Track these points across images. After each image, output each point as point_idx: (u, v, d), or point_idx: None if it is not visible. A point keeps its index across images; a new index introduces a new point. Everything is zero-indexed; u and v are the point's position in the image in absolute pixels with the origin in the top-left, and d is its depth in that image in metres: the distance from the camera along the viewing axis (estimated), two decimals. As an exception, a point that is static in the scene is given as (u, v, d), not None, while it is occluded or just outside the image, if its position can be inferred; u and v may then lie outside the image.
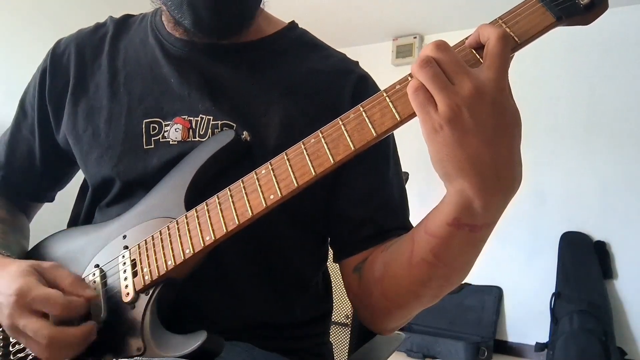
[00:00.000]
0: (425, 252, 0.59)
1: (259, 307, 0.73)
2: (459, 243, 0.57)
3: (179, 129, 0.73)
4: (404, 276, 0.63)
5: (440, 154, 0.50)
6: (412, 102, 0.50)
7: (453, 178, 0.52)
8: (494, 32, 0.49)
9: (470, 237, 0.56)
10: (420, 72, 0.49)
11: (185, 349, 0.58)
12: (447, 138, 0.49)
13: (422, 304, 0.66)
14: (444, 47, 0.50)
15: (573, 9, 0.51)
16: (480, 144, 0.49)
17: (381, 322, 0.72)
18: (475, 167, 0.50)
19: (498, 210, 0.54)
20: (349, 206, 0.74)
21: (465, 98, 0.48)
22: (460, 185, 0.51)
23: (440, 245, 0.57)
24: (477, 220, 0.54)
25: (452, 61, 0.49)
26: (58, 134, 0.83)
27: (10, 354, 0.72)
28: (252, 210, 0.59)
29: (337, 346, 1.05)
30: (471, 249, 0.58)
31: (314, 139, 0.58)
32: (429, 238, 0.58)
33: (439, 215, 0.57)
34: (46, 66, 0.83)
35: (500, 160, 0.50)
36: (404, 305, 0.67)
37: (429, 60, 0.49)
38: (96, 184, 0.77)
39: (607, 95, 3.19)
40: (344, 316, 1.07)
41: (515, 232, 3.33)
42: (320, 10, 3.45)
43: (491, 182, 0.51)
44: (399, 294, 0.65)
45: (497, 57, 0.49)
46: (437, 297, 0.65)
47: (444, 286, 0.63)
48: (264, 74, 0.77)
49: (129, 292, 0.64)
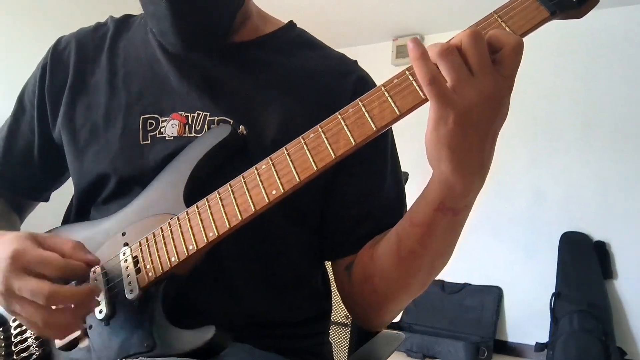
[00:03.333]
0: (412, 243, 0.63)
1: (257, 306, 0.73)
2: (443, 228, 0.61)
3: (175, 124, 0.73)
4: (393, 271, 0.66)
5: (442, 140, 0.52)
6: (431, 91, 0.50)
7: (443, 162, 0.54)
8: (513, 39, 0.50)
9: (452, 221, 0.60)
10: (444, 59, 0.50)
11: (193, 343, 0.58)
12: (455, 128, 0.51)
13: (411, 295, 0.70)
14: (480, 38, 0.50)
15: (566, 2, 0.52)
16: (478, 137, 0.52)
17: (373, 318, 0.75)
18: (465, 156, 0.53)
19: (475, 194, 0.58)
20: (346, 205, 0.75)
21: (485, 94, 0.49)
22: (448, 169, 0.54)
23: (426, 233, 0.61)
24: (459, 203, 0.58)
25: (482, 55, 0.50)
26: (54, 130, 0.82)
27: (13, 353, 0.72)
28: (255, 206, 0.59)
29: (337, 346, 1.05)
30: (452, 233, 0.63)
31: (313, 134, 0.58)
32: (415, 229, 0.62)
33: (423, 203, 0.60)
34: (46, 62, 0.83)
35: (485, 152, 0.54)
36: (394, 299, 0.70)
37: (453, 49, 0.50)
38: (91, 181, 0.77)
39: (606, 95, 3.19)
40: (344, 316, 1.06)
41: (515, 232, 3.33)
42: (320, 10, 3.45)
43: (473, 169, 0.54)
44: (390, 288, 0.68)
45: (515, 64, 0.50)
46: (425, 285, 0.69)
47: (430, 274, 0.67)
48: (262, 73, 0.77)
49: (132, 289, 0.64)
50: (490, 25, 0.53)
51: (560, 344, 2.92)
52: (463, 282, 3.47)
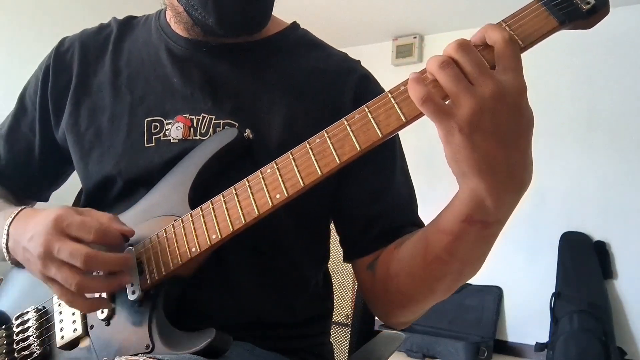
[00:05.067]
0: (439, 249, 0.60)
1: (258, 306, 0.73)
2: (472, 239, 0.58)
3: (180, 127, 0.73)
4: (419, 273, 0.64)
5: (457, 155, 0.51)
6: (427, 109, 0.50)
7: (468, 177, 0.52)
8: (500, 34, 0.49)
9: (482, 233, 0.57)
10: (441, 73, 0.49)
11: (193, 346, 0.58)
12: (466, 139, 0.49)
13: (437, 298, 0.67)
14: (467, 46, 0.49)
15: (575, 13, 0.52)
16: (497, 145, 0.49)
17: (396, 316, 0.74)
18: (490, 167, 0.50)
19: (509, 209, 0.55)
20: (358, 205, 0.75)
21: (488, 100, 0.48)
22: (474, 183, 0.52)
23: (453, 242, 0.59)
24: (489, 217, 0.55)
25: (475, 62, 0.49)
26: (57, 132, 0.83)
27: (14, 351, 0.72)
28: (259, 210, 0.60)
29: (337, 346, 1.05)
30: (483, 245, 0.59)
31: (319, 139, 0.58)
32: (442, 236, 0.60)
33: (451, 213, 0.58)
34: (49, 63, 0.83)
35: (513, 161, 0.51)
36: (419, 300, 0.69)
37: (449, 61, 0.49)
38: (97, 183, 0.77)
39: (608, 95, 3.19)
40: (344, 316, 1.07)
41: (515, 231, 3.33)
42: (321, 10, 3.45)
43: (503, 182, 0.52)
44: (415, 289, 0.67)
45: (512, 58, 0.49)
46: (451, 290, 0.66)
47: (458, 280, 0.65)
48: (267, 74, 0.77)
49: (134, 290, 0.65)
50: None
51: (560, 344, 2.92)
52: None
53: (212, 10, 0.70)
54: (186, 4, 0.73)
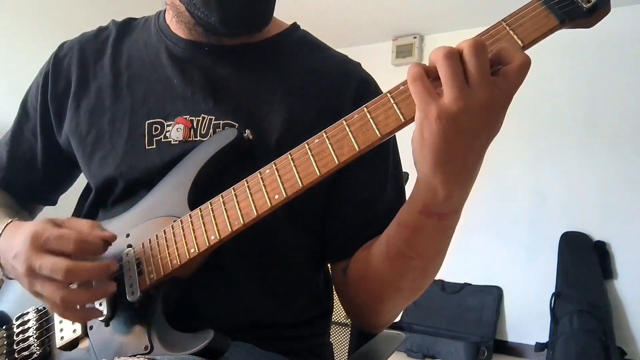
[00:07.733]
0: (399, 243, 0.63)
1: (258, 307, 0.73)
2: (430, 232, 0.61)
3: (180, 128, 0.73)
4: (384, 270, 0.66)
5: (425, 141, 0.52)
6: (414, 88, 0.51)
7: (425, 165, 0.54)
8: (521, 57, 0.50)
9: (439, 225, 0.60)
10: (444, 63, 0.49)
11: (192, 347, 0.58)
12: (440, 130, 0.50)
13: (405, 298, 0.70)
14: (481, 49, 0.50)
15: (576, 12, 0.52)
16: (465, 143, 0.51)
17: (370, 319, 0.76)
18: (450, 161, 0.52)
19: (460, 200, 0.58)
20: (348, 210, 0.75)
21: (477, 106, 0.49)
22: (432, 173, 0.54)
23: (412, 235, 0.61)
24: (443, 209, 0.58)
25: (482, 67, 0.49)
26: (60, 136, 0.83)
27: (14, 351, 0.72)
28: (257, 210, 0.60)
29: (337, 346, 1.05)
30: (441, 238, 0.62)
31: (318, 140, 0.58)
32: (401, 229, 0.63)
33: (408, 206, 0.61)
34: (49, 69, 0.83)
35: (470, 161, 0.53)
36: (386, 299, 0.70)
37: (456, 55, 0.50)
38: (99, 185, 0.78)
39: (607, 95, 3.19)
40: (344, 316, 1.07)
41: (515, 232, 3.33)
42: (320, 10, 3.45)
43: (456, 176, 0.54)
44: (381, 288, 0.68)
45: (518, 81, 0.50)
46: (417, 289, 0.69)
47: (421, 278, 0.67)
48: (267, 75, 0.77)
49: (134, 291, 0.65)
50: (499, 33, 0.53)
51: (560, 344, 2.92)
52: (463, 282, 3.47)
53: (215, 8, 0.70)
54: (188, 2, 0.72)
